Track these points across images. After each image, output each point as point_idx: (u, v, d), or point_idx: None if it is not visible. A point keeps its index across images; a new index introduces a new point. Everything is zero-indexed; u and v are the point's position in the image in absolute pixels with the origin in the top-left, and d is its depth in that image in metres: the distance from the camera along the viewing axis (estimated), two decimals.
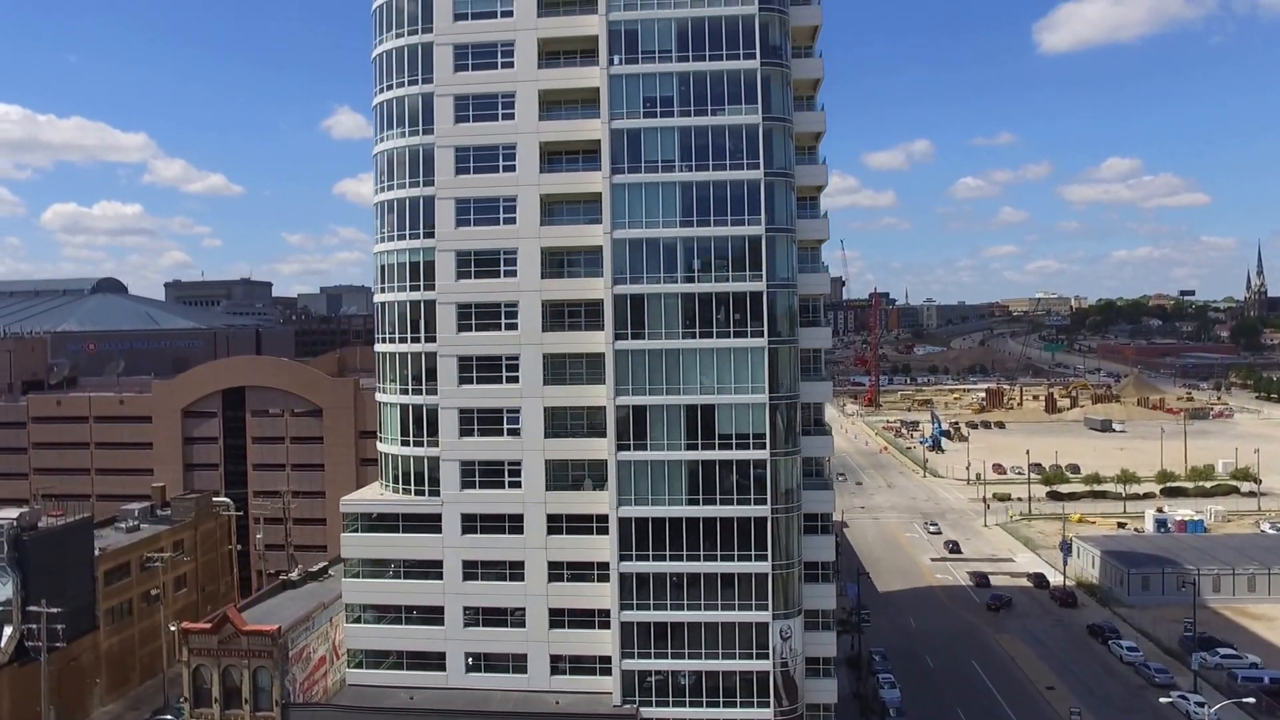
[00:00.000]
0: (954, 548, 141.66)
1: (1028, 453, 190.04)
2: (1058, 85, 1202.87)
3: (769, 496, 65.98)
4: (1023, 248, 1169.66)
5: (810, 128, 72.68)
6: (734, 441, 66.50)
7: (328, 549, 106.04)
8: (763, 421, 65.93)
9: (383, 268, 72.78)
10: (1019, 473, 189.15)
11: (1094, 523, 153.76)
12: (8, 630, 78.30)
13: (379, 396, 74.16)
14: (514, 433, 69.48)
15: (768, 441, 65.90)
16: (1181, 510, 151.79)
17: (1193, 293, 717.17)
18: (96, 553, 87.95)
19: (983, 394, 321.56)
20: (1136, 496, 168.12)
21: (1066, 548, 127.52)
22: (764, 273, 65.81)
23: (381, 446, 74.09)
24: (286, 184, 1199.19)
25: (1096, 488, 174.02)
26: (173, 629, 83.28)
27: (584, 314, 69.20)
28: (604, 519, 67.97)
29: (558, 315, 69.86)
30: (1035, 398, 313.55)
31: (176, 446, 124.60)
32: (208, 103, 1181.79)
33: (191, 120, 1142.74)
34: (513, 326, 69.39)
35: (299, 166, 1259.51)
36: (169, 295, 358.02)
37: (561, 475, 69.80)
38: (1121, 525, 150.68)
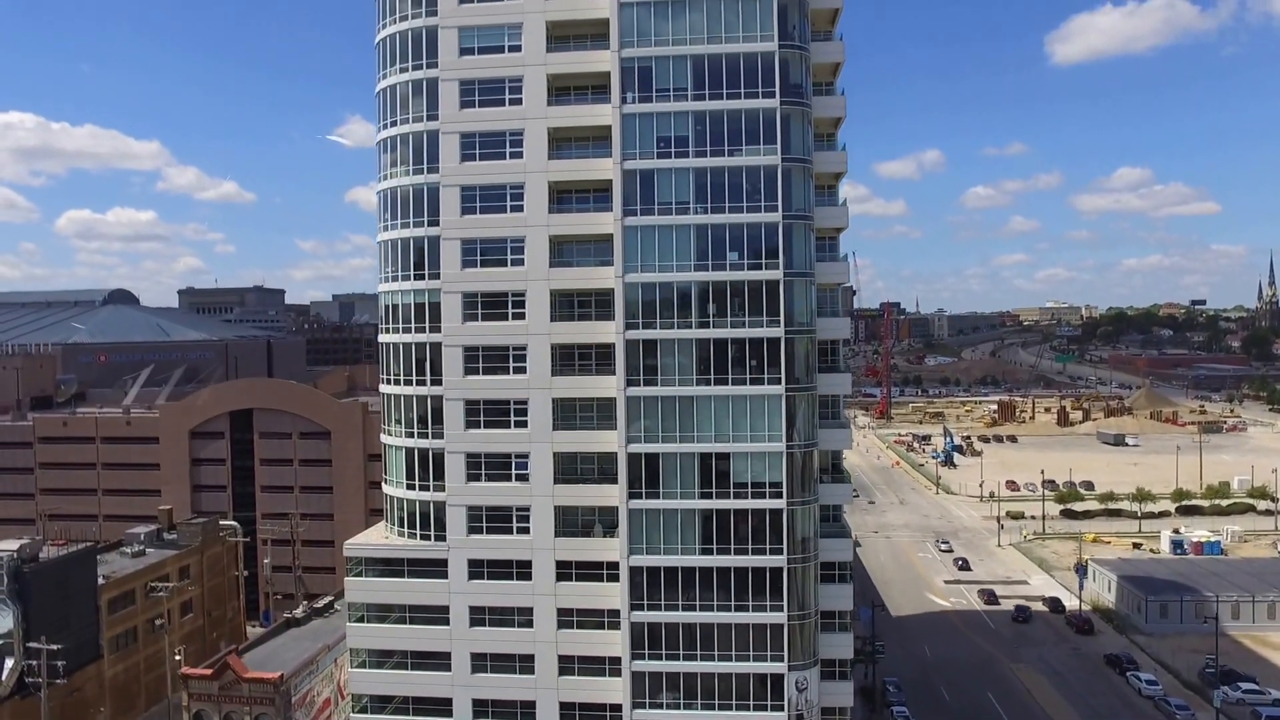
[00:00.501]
0: (966, 567, 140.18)
1: (1042, 471, 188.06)
2: (1069, 96, 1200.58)
3: (785, 546, 64.24)
4: (1033, 256, 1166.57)
5: (830, 168, 70.55)
6: (749, 490, 64.70)
7: (335, 571, 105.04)
8: (779, 470, 64.15)
9: (387, 308, 71.10)
10: (1032, 489, 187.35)
11: (1109, 543, 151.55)
12: (9, 663, 77.09)
13: (384, 439, 72.59)
14: (522, 478, 67.71)
15: (784, 490, 64.13)
16: (1198, 531, 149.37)
17: (1204, 301, 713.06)
18: (100, 581, 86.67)
19: (994, 406, 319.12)
20: (1152, 515, 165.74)
21: (1082, 571, 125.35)
22: (781, 318, 63.80)
23: (387, 489, 72.59)
24: (298, 191, 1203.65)
25: (1111, 506, 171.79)
26: (177, 658, 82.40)
27: (595, 357, 67.29)
28: (614, 566, 66.38)
29: (567, 358, 67.91)
30: (1047, 410, 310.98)
31: (184, 468, 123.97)
32: (220, 111, 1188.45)
33: (203, 128, 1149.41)
34: (521, 370, 67.41)
35: (311, 174, 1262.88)
36: (182, 302, 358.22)
37: (571, 521, 68.09)
38: (1137, 545, 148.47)
